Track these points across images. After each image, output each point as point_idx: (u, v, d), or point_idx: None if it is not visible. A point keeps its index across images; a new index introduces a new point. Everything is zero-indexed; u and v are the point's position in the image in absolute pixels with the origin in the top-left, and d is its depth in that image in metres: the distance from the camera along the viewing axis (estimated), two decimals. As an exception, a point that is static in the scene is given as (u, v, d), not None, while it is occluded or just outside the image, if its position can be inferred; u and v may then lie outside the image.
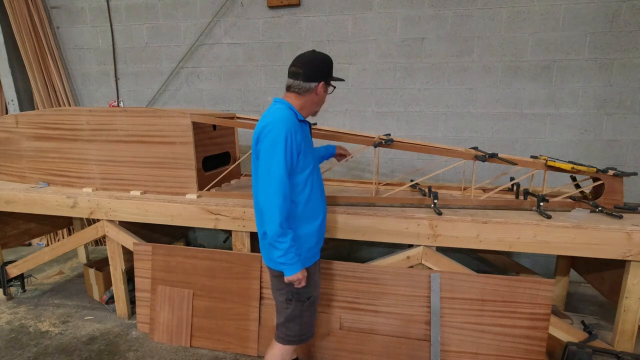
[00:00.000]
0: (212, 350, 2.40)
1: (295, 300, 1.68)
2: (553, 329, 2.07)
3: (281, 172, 1.50)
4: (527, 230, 2.00)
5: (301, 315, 1.71)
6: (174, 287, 2.46)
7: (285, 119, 1.53)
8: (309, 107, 1.67)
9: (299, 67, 1.59)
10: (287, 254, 1.55)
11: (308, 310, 1.72)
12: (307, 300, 1.70)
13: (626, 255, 1.91)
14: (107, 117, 2.55)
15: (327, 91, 1.68)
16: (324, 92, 1.66)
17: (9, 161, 2.97)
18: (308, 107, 1.67)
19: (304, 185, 1.62)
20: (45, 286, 3.32)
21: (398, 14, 3.19)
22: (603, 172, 2.15)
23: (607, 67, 2.95)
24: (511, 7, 2.99)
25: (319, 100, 1.68)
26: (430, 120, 3.32)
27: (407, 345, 2.15)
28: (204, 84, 3.72)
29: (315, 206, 1.69)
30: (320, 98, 1.67)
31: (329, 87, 1.68)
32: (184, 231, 3.70)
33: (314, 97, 1.64)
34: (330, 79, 1.66)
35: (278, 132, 1.50)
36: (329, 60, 1.66)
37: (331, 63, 1.66)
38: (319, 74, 1.61)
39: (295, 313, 1.70)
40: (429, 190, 2.46)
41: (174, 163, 2.50)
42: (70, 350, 2.42)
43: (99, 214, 2.59)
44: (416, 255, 2.18)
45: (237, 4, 3.47)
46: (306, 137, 1.67)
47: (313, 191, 1.67)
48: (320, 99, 1.68)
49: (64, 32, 3.92)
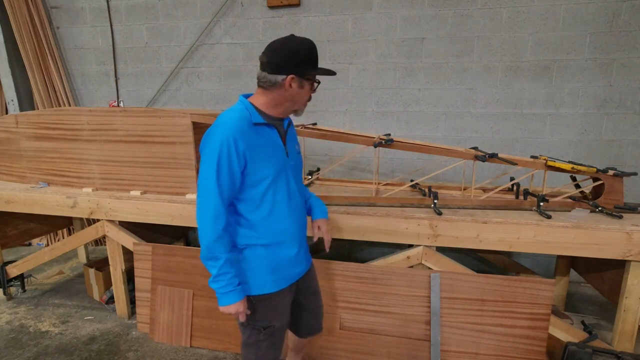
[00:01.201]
0: (212, 350, 2.40)
1: (250, 327, 1.46)
2: (553, 329, 2.07)
3: (212, 190, 1.29)
4: (527, 230, 2.00)
5: (257, 345, 1.47)
6: (174, 287, 2.46)
7: (227, 124, 1.29)
8: (279, 105, 1.37)
9: (266, 54, 1.31)
10: (218, 282, 1.34)
11: (266, 340, 1.47)
12: (262, 330, 1.46)
13: (626, 255, 1.91)
14: (107, 117, 2.55)
15: (303, 86, 1.34)
16: (298, 87, 1.32)
17: (9, 161, 2.97)
18: (278, 105, 1.37)
19: (260, 201, 1.36)
20: (45, 286, 3.32)
21: (398, 14, 3.19)
22: (603, 172, 2.15)
23: (607, 67, 2.95)
24: (511, 7, 2.99)
25: (293, 98, 1.35)
26: (430, 120, 3.32)
27: (407, 345, 2.15)
28: (204, 84, 3.72)
29: (279, 228, 1.42)
30: (293, 95, 1.34)
31: (307, 82, 1.34)
32: (184, 231, 3.70)
33: (284, 94, 1.33)
34: (305, 71, 1.31)
35: (212, 142, 1.28)
36: (305, 47, 1.31)
37: (310, 51, 1.32)
38: (288, 65, 1.29)
39: (250, 341, 1.48)
40: (429, 190, 2.46)
41: (174, 163, 2.50)
42: (70, 350, 2.42)
43: (99, 214, 2.59)
44: (416, 255, 2.18)
45: (237, 4, 3.47)
46: (267, 143, 1.36)
47: (276, 209, 1.39)
48: (295, 96, 1.35)
49: (64, 32, 3.92)
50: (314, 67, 1.34)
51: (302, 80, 1.33)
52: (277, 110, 1.39)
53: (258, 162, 1.33)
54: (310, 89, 1.38)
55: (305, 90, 1.36)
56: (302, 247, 1.55)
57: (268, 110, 1.38)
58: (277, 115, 1.41)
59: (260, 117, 1.35)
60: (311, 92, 1.40)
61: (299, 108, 1.42)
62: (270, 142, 1.38)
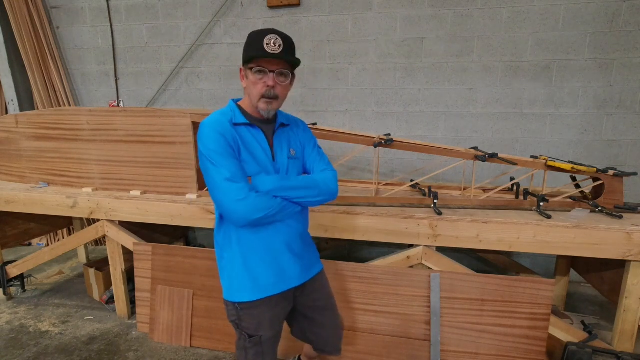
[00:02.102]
0: (212, 350, 2.40)
1: (239, 330, 1.41)
2: (553, 329, 2.07)
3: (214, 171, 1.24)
4: (527, 230, 2.00)
5: (245, 350, 1.42)
6: (174, 287, 2.46)
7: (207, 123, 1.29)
8: (249, 102, 1.34)
9: None
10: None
11: (252, 348, 1.41)
12: (248, 337, 1.39)
13: (626, 255, 1.91)
14: (107, 117, 2.55)
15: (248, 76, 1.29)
16: (246, 79, 1.31)
17: (9, 161, 2.97)
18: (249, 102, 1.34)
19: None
20: (45, 286, 3.32)
21: (398, 14, 3.19)
22: (603, 172, 2.16)
23: (607, 67, 2.95)
24: (511, 7, 2.99)
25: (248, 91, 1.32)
26: (430, 120, 3.32)
27: (407, 345, 2.15)
28: (204, 84, 3.72)
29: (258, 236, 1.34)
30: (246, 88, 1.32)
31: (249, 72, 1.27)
32: (184, 231, 3.70)
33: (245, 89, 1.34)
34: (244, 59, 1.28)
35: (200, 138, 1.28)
36: (250, 36, 1.27)
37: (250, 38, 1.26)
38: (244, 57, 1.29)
39: (240, 344, 1.43)
40: (429, 190, 2.46)
41: (174, 163, 2.50)
42: (70, 350, 2.42)
43: (99, 214, 2.59)
44: (416, 255, 2.18)
45: (237, 4, 3.47)
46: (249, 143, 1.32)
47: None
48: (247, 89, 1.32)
49: (64, 32, 3.92)
50: (247, 53, 1.26)
51: (246, 70, 1.30)
52: (252, 110, 1.34)
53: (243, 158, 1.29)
54: (256, 79, 1.26)
55: (250, 81, 1.28)
56: (292, 256, 1.41)
57: (251, 111, 1.35)
58: (256, 115, 1.35)
59: (243, 117, 1.32)
60: (261, 82, 1.26)
61: (255, 103, 1.30)
62: (253, 143, 1.33)
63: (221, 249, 1.41)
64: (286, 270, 1.41)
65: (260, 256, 1.36)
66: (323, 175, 1.41)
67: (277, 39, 1.23)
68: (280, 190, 1.29)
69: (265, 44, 1.22)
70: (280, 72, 1.26)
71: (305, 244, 1.48)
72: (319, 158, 1.48)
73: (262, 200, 1.25)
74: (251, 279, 1.36)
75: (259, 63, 1.24)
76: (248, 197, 1.22)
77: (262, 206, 1.25)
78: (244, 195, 1.22)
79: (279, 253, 1.38)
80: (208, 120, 1.30)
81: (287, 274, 1.41)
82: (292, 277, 1.43)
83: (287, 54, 1.25)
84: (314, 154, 1.48)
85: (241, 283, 1.37)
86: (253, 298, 1.37)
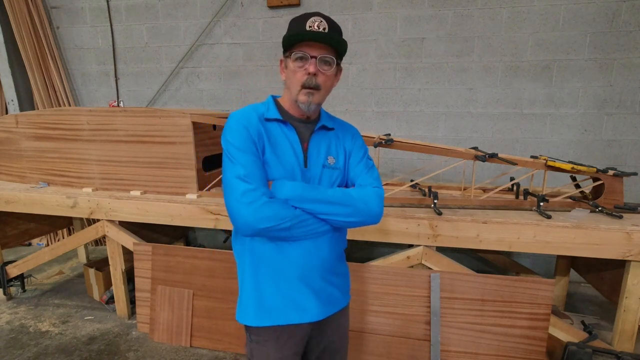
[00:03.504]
0: (212, 350, 2.40)
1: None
2: (553, 329, 2.07)
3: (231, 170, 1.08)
4: (527, 230, 2.00)
5: None
6: (174, 287, 2.46)
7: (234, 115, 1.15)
8: (288, 96, 1.18)
9: None
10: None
11: None
12: None
13: (626, 255, 1.91)
14: (107, 117, 2.55)
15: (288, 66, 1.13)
16: (286, 69, 1.15)
17: (9, 161, 2.97)
18: (288, 96, 1.18)
19: None
20: (45, 286, 3.32)
21: (398, 14, 3.19)
22: (603, 172, 2.16)
23: (607, 67, 2.95)
24: (511, 7, 2.99)
25: (287, 84, 1.16)
26: (430, 120, 3.32)
27: (407, 345, 2.15)
28: (204, 84, 3.72)
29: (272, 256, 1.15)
30: (287, 80, 1.16)
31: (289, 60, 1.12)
32: (184, 231, 3.70)
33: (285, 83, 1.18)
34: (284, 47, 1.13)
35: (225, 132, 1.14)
36: (291, 21, 1.13)
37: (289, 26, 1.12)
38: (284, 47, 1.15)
39: None
40: (429, 190, 2.46)
41: (174, 163, 2.50)
42: (70, 350, 2.42)
43: (99, 214, 2.59)
44: (416, 255, 2.18)
45: (237, 4, 3.47)
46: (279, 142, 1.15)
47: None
48: (287, 81, 1.16)
49: (64, 32, 3.92)
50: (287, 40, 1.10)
51: (285, 59, 1.15)
52: (290, 105, 1.18)
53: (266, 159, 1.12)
54: (295, 67, 1.10)
55: (290, 70, 1.12)
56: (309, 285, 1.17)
57: (289, 107, 1.18)
58: (295, 114, 1.19)
59: (277, 113, 1.16)
60: (301, 69, 1.10)
61: (294, 96, 1.13)
62: (283, 143, 1.15)
63: (238, 257, 1.23)
64: (297, 299, 1.16)
65: (272, 277, 1.15)
66: (363, 192, 1.17)
67: (321, 21, 1.08)
68: (301, 200, 1.09)
69: (308, 26, 1.06)
70: (323, 58, 1.09)
71: (333, 272, 1.24)
72: (366, 171, 1.24)
73: (274, 207, 1.05)
74: (257, 298, 1.16)
75: (300, 47, 1.08)
76: (256, 201, 1.03)
77: (273, 215, 1.04)
78: (252, 198, 1.03)
79: (289, 276, 1.15)
80: (237, 112, 1.16)
81: (300, 304, 1.17)
82: (307, 309, 1.17)
83: (331, 37, 1.08)
84: (361, 165, 1.24)
85: (247, 302, 1.18)
86: (258, 324, 1.16)
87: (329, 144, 1.22)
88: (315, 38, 1.06)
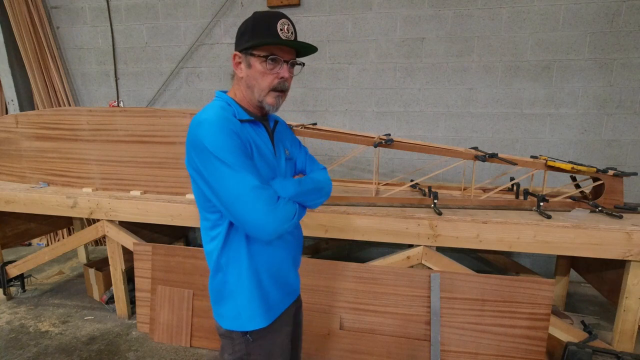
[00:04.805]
0: (212, 350, 2.40)
1: None
2: (553, 329, 2.07)
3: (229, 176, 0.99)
4: (527, 230, 2.00)
5: None
6: (174, 287, 2.46)
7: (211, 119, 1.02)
8: (245, 95, 1.12)
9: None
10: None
11: None
12: None
13: (626, 255, 1.91)
14: (107, 117, 2.55)
15: (251, 65, 1.06)
16: (245, 67, 1.08)
17: (9, 161, 2.97)
18: (244, 95, 1.12)
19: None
20: (45, 286, 3.32)
21: (398, 14, 3.19)
22: (603, 172, 2.16)
23: (607, 67, 2.95)
24: (511, 7, 2.99)
25: (247, 82, 1.09)
26: (430, 120, 3.32)
27: (407, 345, 2.15)
28: (204, 84, 3.72)
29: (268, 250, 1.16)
30: (245, 78, 1.09)
31: (255, 59, 1.05)
32: (184, 231, 3.70)
33: (240, 81, 1.11)
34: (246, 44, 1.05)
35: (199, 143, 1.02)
36: (250, 19, 1.07)
37: (255, 20, 1.05)
38: (236, 42, 1.10)
39: None
40: (429, 190, 2.46)
41: (174, 163, 2.50)
42: (70, 350, 2.42)
43: (99, 214, 2.59)
44: (416, 255, 2.18)
45: (237, 4, 3.47)
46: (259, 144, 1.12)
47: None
48: (248, 80, 1.09)
49: (64, 32, 3.92)
50: (254, 38, 1.04)
51: (246, 57, 1.07)
52: (247, 103, 1.13)
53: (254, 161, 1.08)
54: (264, 69, 1.05)
55: (255, 70, 1.06)
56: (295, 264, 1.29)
57: (248, 106, 1.14)
58: (254, 112, 1.15)
59: (245, 113, 1.11)
60: (271, 73, 1.06)
61: (259, 97, 1.09)
62: (260, 142, 1.13)
63: (225, 272, 1.15)
64: (290, 282, 1.27)
65: (271, 272, 1.17)
66: (322, 175, 1.29)
67: (289, 24, 1.06)
68: (300, 195, 1.13)
69: (279, 29, 1.03)
70: (293, 62, 1.09)
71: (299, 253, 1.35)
72: (308, 157, 1.36)
73: (289, 208, 1.07)
74: (263, 299, 1.15)
75: (272, 50, 1.05)
76: (278, 206, 1.03)
77: (290, 215, 1.07)
78: (274, 204, 1.02)
79: (285, 263, 1.22)
80: (210, 116, 1.02)
81: (291, 285, 1.27)
82: (294, 287, 1.29)
83: (310, 47, 1.08)
84: (303, 153, 1.35)
85: (252, 307, 1.14)
86: (267, 323, 1.17)
87: (282, 137, 1.26)
88: (294, 46, 1.07)
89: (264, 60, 1.05)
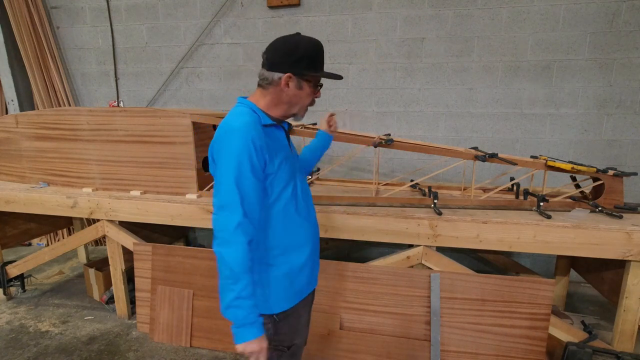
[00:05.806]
0: (212, 350, 2.40)
1: (271, 349, 1.27)
2: (553, 329, 2.07)
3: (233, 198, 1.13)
4: (527, 230, 2.00)
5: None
6: (174, 287, 2.46)
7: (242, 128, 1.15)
8: (277, 106, 1.26)
9: (266, 51, 1.23)
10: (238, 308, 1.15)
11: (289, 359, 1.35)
12: (286, 350, 1.33)
13: (626, 255, 1.91)
14: (107, 117, 2.55)
15: (302, 88, 1.23)
16: (295, 87, 1.22)
17: (9, 161, 2.97)
18: (276, 106, 1.26)
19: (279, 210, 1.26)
20: (45, 286, 3.32)
21: (398, 14, 3.19)
22: (603, 172, 2.15)
23: (607, 67, 2.95)
24: (511, 7, 2.99)
25: (291, 99, 1.25)
26: (430, 120, 3.32)
27: (407, 345, 2.15)
28: (204, 84, 3.72)
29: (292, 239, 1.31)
30: (290, 96, 1.24)
31: (306, 83, 1.23)
32: (184, 231, 3.70)
33: (281, 94, 1.23)
34: (303, 70, 1.20)
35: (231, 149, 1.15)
36: (307, 46, 1.21)
37: (311, 49, 1.21)
38: (285, 62, 1.19)
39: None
40: (429, 190, 2.46)
41: (174, 163, 2.50)
42: (70, 350, 2.42)
43: (99, 214, 2.59)
44: (416, 255, 2.18)
45: (237, 4, 3.47)
46: (279, 146, 1.27)
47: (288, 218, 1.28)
48: (292, 98, 1.24)
49: (64, 32, 3.92)
50: (314, 68, 1.22)
51: (300, 80, 1.22)
52: (276, 112, 1.27)
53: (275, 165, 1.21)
54: (311, 92, 1.26)
55: (304, 92, 1.24)
56: (315, 257, 1.43)
57: (270, 112, 1.27)
58: (278, 116, 1.29)
59: (268, 118, 1.25)
60: (313, 96, 1.28)
61: (297, 112, 1.29)
62: (281, 144, 1.28)
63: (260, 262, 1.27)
64: (316, 267, 1.45)
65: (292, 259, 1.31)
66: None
67: None
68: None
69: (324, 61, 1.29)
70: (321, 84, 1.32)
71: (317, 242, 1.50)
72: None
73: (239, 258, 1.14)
74: (290, 283, 1.30)
75: (320, 79, 1.28)
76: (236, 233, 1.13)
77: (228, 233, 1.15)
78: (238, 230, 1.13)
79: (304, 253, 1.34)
80: (239, 124, 1.16)
81: (316, 270, 1.46)
82: (314, 276, 1.45)
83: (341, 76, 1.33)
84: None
85: (279, 291, 1.28)
86: (292, 304, 1.32)
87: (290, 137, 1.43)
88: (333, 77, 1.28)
89: (314, 86, 1.27)
